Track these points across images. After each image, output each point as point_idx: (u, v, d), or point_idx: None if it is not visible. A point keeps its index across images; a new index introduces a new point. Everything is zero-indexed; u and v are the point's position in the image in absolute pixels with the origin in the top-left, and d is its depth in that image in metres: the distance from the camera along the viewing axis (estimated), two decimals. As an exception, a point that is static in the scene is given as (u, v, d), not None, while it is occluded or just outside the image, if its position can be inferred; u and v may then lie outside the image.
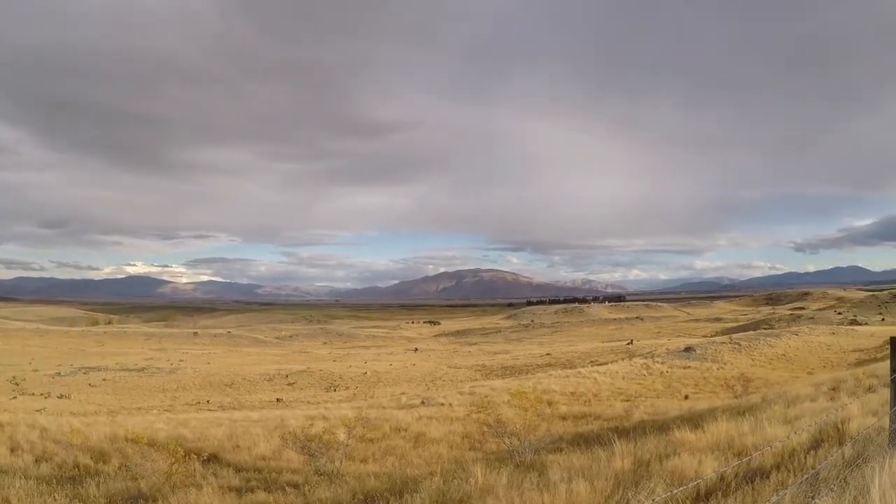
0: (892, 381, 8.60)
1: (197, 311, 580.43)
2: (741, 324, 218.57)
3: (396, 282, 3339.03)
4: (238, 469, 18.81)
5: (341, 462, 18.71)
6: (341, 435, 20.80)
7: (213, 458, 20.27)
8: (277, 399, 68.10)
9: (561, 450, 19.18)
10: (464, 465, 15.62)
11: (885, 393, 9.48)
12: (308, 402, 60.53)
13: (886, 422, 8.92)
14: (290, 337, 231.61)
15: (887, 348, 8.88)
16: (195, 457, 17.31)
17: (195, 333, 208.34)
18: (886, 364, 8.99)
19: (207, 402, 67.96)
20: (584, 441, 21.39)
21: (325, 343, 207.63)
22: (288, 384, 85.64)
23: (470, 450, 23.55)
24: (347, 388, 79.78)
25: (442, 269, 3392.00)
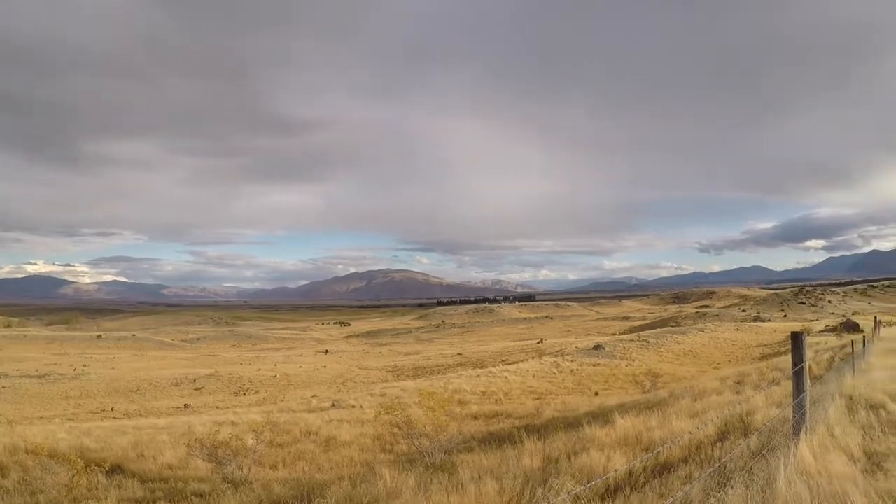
0: (795, 374, 8.76)
1: (101, 312, 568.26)
2: (649, 322, 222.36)
3: (306, 282, 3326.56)
4: (143, 479, 18.25)
5: (250, 469, 18.33)
6: (250, 440, 20.39)
7: (117, 469, 19.55)
8: (185, 405, 66.66)
9: (472, 449, 19.13)
10: (374, 469, 15.44)
11: (789, 385, 9.65)
12: (216, 408, 59.48)
13: (790, 412, 9.07)
14: (198, 340, 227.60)
15: (789, 343, 9.03)
16: (98, 468, 16.76)
17: (99, 337, 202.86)
18: (789, 358, 9.14)
19: (112, 409, 66.13)
20: (495, 440, 21.40)
21: (234, 346, 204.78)
22: (196, 389, 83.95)
23: (381, 452, 23.32)
24: (257, 391, 78.70)
25: (352, 270, 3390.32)
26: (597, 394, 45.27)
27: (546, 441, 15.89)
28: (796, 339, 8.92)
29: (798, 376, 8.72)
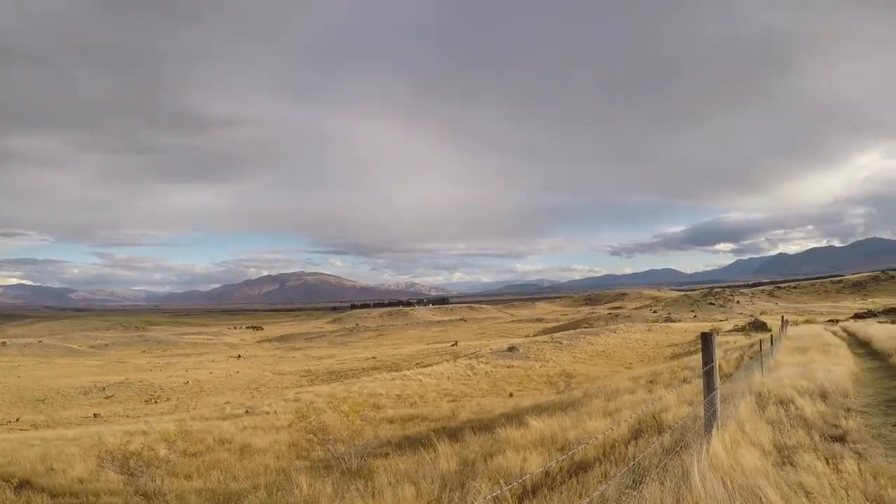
0: (705, 373, 8.92)
1: (4, 318, 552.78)
2: (562, 323, 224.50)
3: (218, 286, 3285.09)
4: (53, 494, 17.72)
5: (163, 480, 17.95)
6: (162, 450, 19.96)
7: (25, 484, 18.95)
8: (95, 414, 65.11)
9: (389, 454, 19.08)
10: (290, 476, 15.29)
11: (699, 383, 9.84)
12: (127, 417, 58.24)
13: (701, 410, 9.23)
14: (107, 346, 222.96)
15: (699, 343, 9.23)
16: (5, 483, 16.32)
17: (3, 343, 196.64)
18: (699, 357, 9.34)
19: (18, 420, 64.20)
20: (411, 443, 21.32)
21: (144, 351, 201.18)
22: (105, 397, 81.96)
23: (297, 459, 23.02)
24: (168, 399, 77.24)
25: (265, 273, 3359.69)
26: (512, 395, 45.49)
27: (462, 443, 15.94)
28: (706, 339, 9.08)
29: (708, 375, 8.88)
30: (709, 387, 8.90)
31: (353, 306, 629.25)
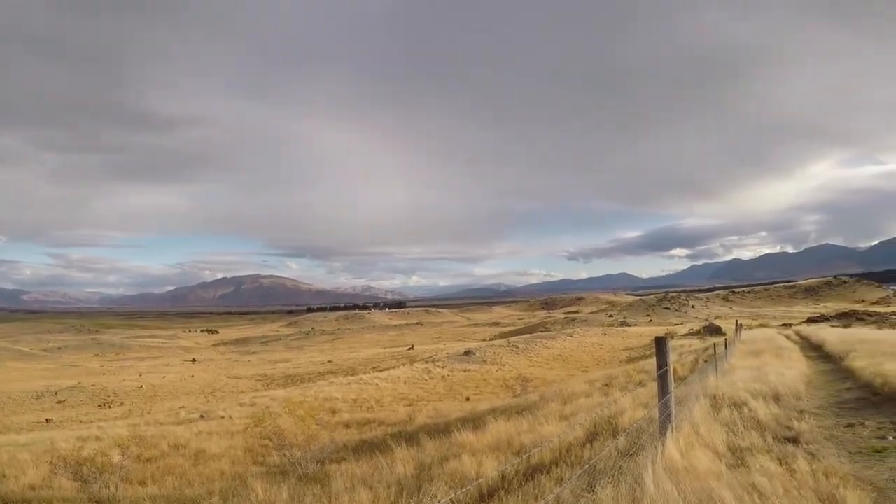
0: (659, 376, 9.01)
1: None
2: (519, 328, 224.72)
3: (172, 288, 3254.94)
4: (5, 502, 17.43)
5: (117, 486, 17.74)
6: (116, 456, 19.76)
7: (-26, 493, 18.75)
8: (47, 419, 64.05)
9: (345, 458, 19.00)
10: (246, 482, 15.19)
11: (655, 387, 9.95)
12: (80, 422, 57.34)
13: (656, 413, 9.30)
14: (59, 349, 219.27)
15: (654, 347, 9.31)
16: (-46, 491, 16.01)
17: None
18: (654, 361, 9.42)
19: (-32, 426, 63.47)
20: (368, 448, 21.26)
21: (97, 355, 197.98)
22: (58, 402, 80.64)
23: (253, 464, 22.81)
24: (122, 403, 76.22)
25: (220, 275, 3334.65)
26: (468, 399, 45.48)
27: (419, 448, 15.93)
28: (660, 343, 9.20)
29: (663, 378, 8.96)
30: (663, 390, 8.99)
31: (310, 310, 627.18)
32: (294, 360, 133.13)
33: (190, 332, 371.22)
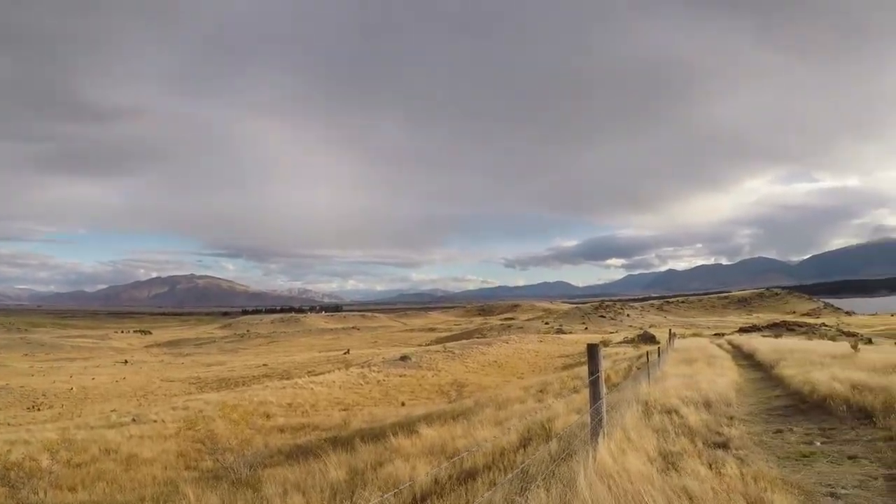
0: (591, 382, 9.12)
1: None
2: (455, 333, 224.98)
3: (105, 286, 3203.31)
4: (-73, 510, 17.11)
5: (46, 492, 17.44)
6: (45, 461, 19.41)
7: None
8: (-28, 422, 63.07)
9: (279, 463, 18.92)
10: (178, 487, 15.04)
11: (588, 393, 10.03)
12: (8, 425, 56.09)
13: (588, 418, 9.39)
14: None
15: (586, 353, 9.45)
16: None
17: None
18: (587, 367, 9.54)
19: None
20: (302, 453, 21.15)
21: (26, 355, 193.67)
22: (-15, 405, 79.51)
23: (186, 469, 22.51)
24: (52, 406, 74.78)
25: (154, 274, 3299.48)
26: (403, 404, 45.51)
27: (353, 453, 15.91)
28: (592, 350, 9.30)
29: (594, 384, 9.06)
30: (595, 396, 9.09)
31: (245, 312, 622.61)
32: (229, 363, 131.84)
33: (122, 332, 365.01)
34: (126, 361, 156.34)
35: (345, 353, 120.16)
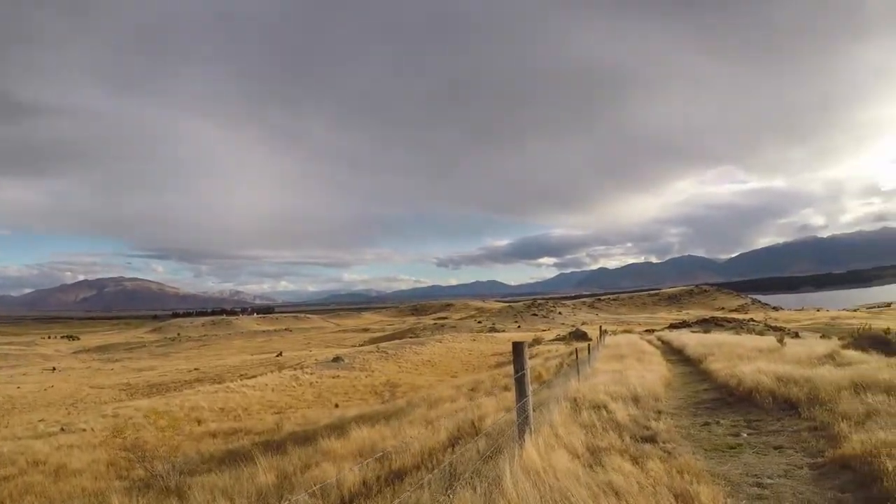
0: (517, 380, 9.13)
1: None
2: (388, 333, 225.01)
3: (30, 290, 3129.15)
4: None
5: (-30, 509, 17.03)
6: (-31, 476, 18.94)
7: None
8: None
9: (211, 470, 18.68)
10: (106, 498, 14.79)
11: (516, 390, 10.09)
12: (-71, 438, 55.00)
13: (515, 416, 9.43)
14: None
15: (512, 351, 9.50)
16: None
17: None
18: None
19: None
20: (234, 458, 20.88)
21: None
22: None
23: (117, 479, 22.03)
24: (-25, 418, 73.60)
25: (81, 277, 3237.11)
26: (337, 406, 45.33)
27: (283, 456, 15.81)
28: (517, 347, 9.33)
29: (520, 382, 9.08)
30: (521, 393, 9.11)
31: (175, 315, 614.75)
32: (159, 367, 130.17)
33: (49, 338, 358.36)
34: (54, 369, 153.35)
35: (277, 356, 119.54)
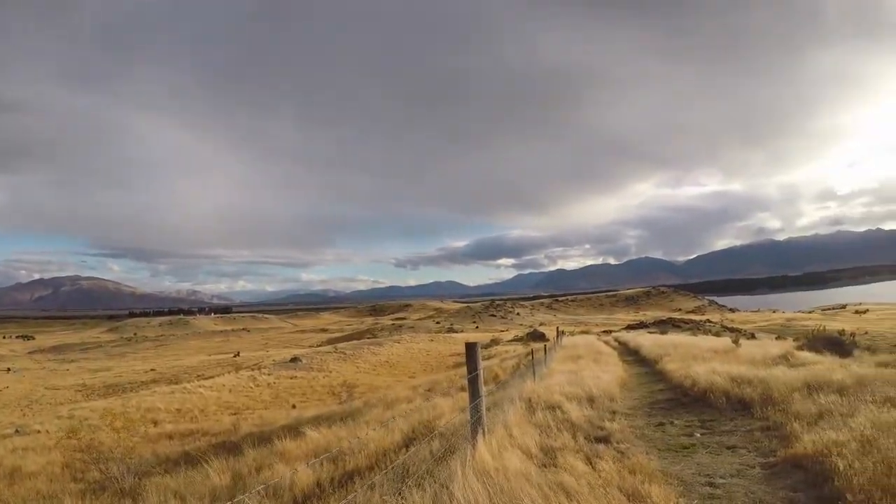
0: (470, 380, 9.15)
1: None
2: (347, 334, 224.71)
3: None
4: None
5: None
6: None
7: None
8: None
9: (166, 472, 18.54)
10: (60, 501, 14.65)
11: (474, 391, 10.11)
12: None
13: (468, 416, 9.45)
14: None
15: (465, 352, 9.51)
16: None
17: None
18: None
19: None
20: (190, 460, 20.75)
21: None
22: None
23: (72, 481, 21.77)
24: (-72, 420, 72.44)
25: (37, 276, 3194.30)
26: (294, 406, 45.15)
27: (239, 457, 15.74)
28: (470, 348, 9.33)
29: (473, 383, 9.10)
30: (474, 394, 9.12)
31: (132, 314, 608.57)
32: (116, 368, 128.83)
33: (3, 338, 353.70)
34: (9, 369, 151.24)
35: (235, 356, 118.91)
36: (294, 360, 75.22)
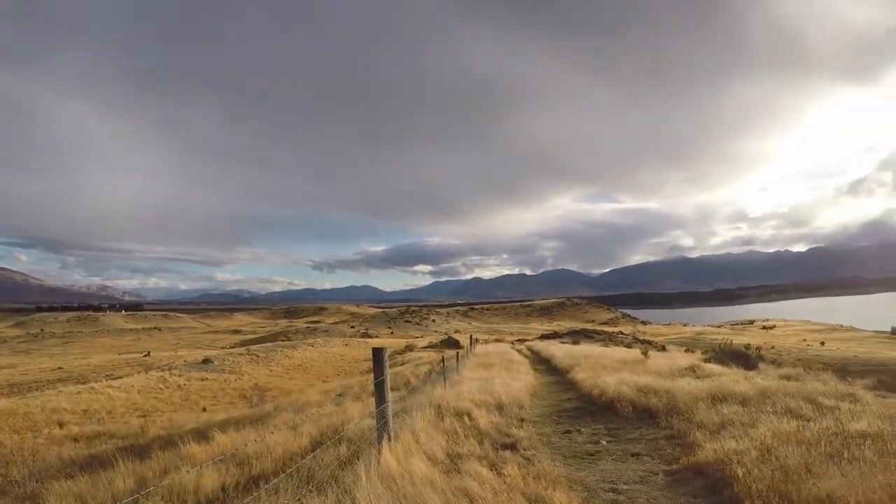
0: (376, 386, 9.23)
1: None
2: (260, 336, 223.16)
3: None
4: None
5: None
6: None
7: None
8: None
9: (71, 476, 18.18)
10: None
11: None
12: None
13: (375, 421, 9.52)
14: None
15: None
16: None
17: None
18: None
19: None
20: (96, 463, 20.39)
21: None
22: None
23: (-29, 488, 21.34)
24: None
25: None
26: (205, 409, 44.72)
27: (145, 461, 15.55)
28: (377, 354, 9.39)
29: (379, 388, 9.16)
30: (380, 399, 9.18)
31: (39, 309, 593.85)
32: (21, 365, 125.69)
33: None
34: None
35: (145, 356, 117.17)
36: (206, 361, 74.43)
